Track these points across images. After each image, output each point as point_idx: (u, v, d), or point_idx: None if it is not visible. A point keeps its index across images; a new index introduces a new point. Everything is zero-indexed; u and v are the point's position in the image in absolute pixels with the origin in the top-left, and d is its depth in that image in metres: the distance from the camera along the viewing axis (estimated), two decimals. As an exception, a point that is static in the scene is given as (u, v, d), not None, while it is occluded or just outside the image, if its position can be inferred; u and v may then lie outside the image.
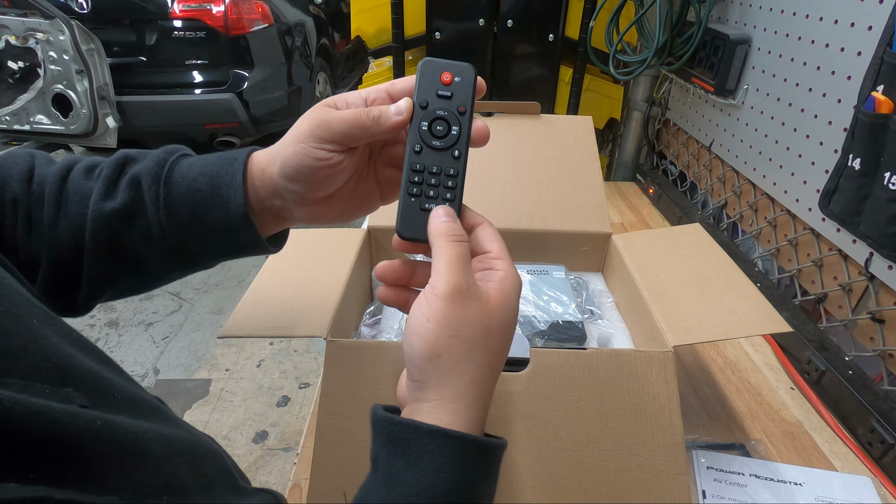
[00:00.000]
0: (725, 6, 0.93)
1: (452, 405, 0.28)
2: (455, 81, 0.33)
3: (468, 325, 0.28)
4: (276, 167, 0.37)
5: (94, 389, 0.26)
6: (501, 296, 0.30)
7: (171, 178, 0.38)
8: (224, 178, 0.38)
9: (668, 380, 0.46)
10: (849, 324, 0.67)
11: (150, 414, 0.30)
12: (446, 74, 0.33)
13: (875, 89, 0.58)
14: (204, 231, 0.38)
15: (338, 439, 0.45)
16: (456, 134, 0.33)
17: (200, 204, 0.38)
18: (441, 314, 0.28)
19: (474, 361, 0.29)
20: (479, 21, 1.10)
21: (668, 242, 0.65)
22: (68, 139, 2.65)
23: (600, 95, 1.24)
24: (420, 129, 0.33)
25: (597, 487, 0.45)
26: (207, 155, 0.40)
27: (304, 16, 3.21)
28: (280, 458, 1.50)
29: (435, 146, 0.33)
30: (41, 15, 2.35)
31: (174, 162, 0.39)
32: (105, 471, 0.24)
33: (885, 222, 0.57)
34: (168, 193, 0.37)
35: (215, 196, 0.37)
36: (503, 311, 0.30)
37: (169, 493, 0.27)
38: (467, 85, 0.33)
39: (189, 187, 0.38)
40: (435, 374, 0.28)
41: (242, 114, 2.74)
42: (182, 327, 2.01)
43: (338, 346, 0.47)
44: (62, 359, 0.26)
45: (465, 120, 0.33)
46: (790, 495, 0.52)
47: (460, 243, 0.30)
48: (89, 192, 0.37)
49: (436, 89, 0.33)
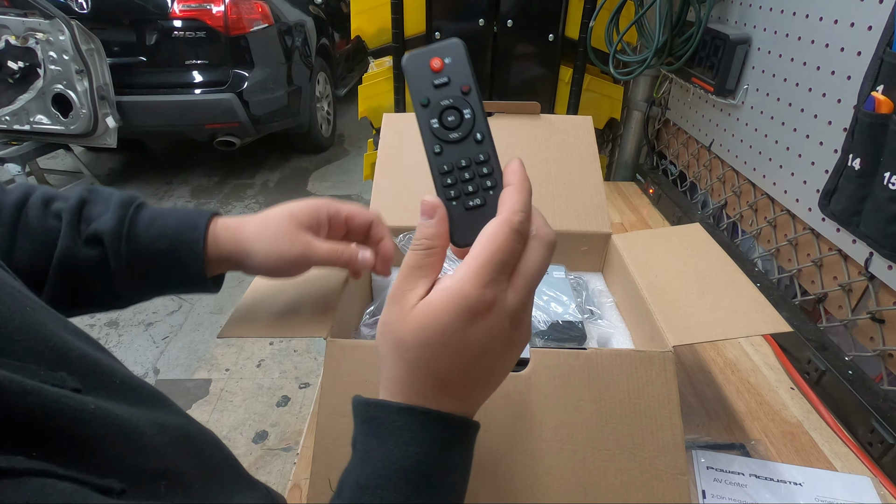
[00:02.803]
0: (725, 6, 0.93)
1: (384, 390, 0.30)
2: (447, 64, 0.30)
3: (387, 326, 0.29)
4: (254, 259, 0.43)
5: (91, 374, 0.27)
6: (426, 309, 0.27)
7: (132, 235, 0.41)
8: (184, 243, 0.42)
9: (668, 380, 0.46)
10: (849, 324, 0.67)
11: (149, 401, 0.31)
12: (435, 60, 0.30)
13: (875, 89, 0.58)
14: (162, 285, 0.44)
15: (338, 439, 0.45)
16: (470, 117, 0.30)
17: (161, 262, 0.42)
18: (384, 311, 0.30)
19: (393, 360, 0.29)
20: (479, 21, 1.10)
21: (668, 242, 0.65)
22: (68, 139, 2.65)
23: (600, 95, 1.24)
24: (432, 128, 0.30)
25: (597, 487, 0.45)
26: (165, 210, 0.43)
27: (304, 16, 3.21)
28: (280, 458, 1.50)
29: (454, 139, 0.30)
30: (41, 15, 2.35)
31: (133, 218, 0.41)
32: (104, 453, 0.24)
33: (884, 222, 0.57)
34: (129, 251, 0.41)
35: (175, 260, 0.42)
36: (417, 326, 0.27)
37: (167, 478, 0.27)
38: (461, 62, 0.30)
39: (150, 247, 0.41)
40: (379, 358, 0.30)
41: (242, 114, 2.74)
42: (182, 327, 2.01)
43: (338, 346, 0.47)
44: (58, 343, 0.26)
45: (473, 98, 0.30)
46: (790, 495, 0.52)
47: (415, 251, 0.29)
48: (52, 231, 0.39)
49: (430, 80, 0.30)
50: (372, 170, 0.83)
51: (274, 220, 0.43)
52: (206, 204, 2.93)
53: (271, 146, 3.56)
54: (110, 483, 0.23)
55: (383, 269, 0.46)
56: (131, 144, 3.52)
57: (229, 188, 3.09)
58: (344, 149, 3.76)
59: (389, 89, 1.20)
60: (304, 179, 3.27)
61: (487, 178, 0.30)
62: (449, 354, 0.28)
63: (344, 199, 0.46)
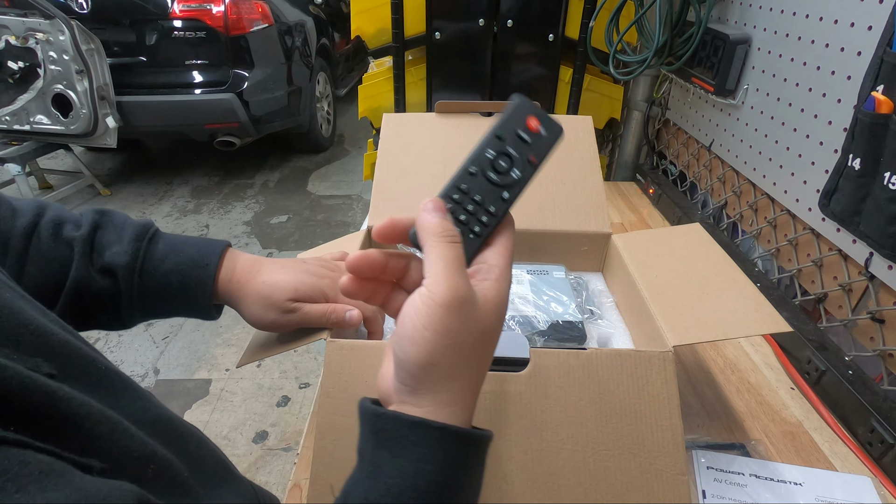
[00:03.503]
0: (725, 6, 0.93)
1: (448, 409, 0.28)
2: (540, 132, 0.31)
3: (466, 332, 0.27)
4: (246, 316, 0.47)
5: (71, 361, 0.27)
6: (497, 296, 0.29)
7: (145, 270, 0.43)
8: (195, 280, 0.44)
9: (668, 380, 0.46)
10: (849, 324, 0.67)
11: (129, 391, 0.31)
12: (534, 120, 0.31)
13: (875, 89, 0.58)
14: (170, 313, 0.47)
15: (338, 439, 0.45)
16: (516, 178, 0.31)
17: (171, 296, 0.44)
18: (440, 323, 0.26)
19: (470, 367, 0.28)
20: (479, 21, 1.10)
21: (668, 242, 0.65)
22: (68, 139, 2.65)
23: (600, 95, 1.24)
24: (485, 154, 0.31)
25: (597, 487, 0.45)
26: (178, 244, 0.45)
27: (304, 16, 3.21)
28: (280, 458, 1.50)
29: (490, 178, 0.31)
30: (41, 15, 2.35)
31: (147, 251, 0.43)
32: (87, 432, 0.24)
33: (885, 222, 0.57)
34: (141, 284, 0.43)
35: (186, 297, 0.44)
36: (499, 313, 0.29)
37: (155, 462, 0.28)
38: (550, 141, 0.31)
39: (162, 280, 0.43)
40: (429, 381, 0.28)
41: (242, 114, 2.74)
42: (182, 327, 2.01)
43: (338, 346, 0.47)
44: (39, 328, 0.26)
45: (529, 171, 0.31)
46: (790, 495, 0.52)
47: (456, 244, 0.29)
48: (63, 260, 0.41)
49: (517, 128, 0.31)
50: (372, 170, 0.83)
51: (276, 290, 0.46)
52: (207, 204, 2.93)
53: (271, 146, 3.56)
54: (90, 461, 0.23)
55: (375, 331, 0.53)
56: (131, 144, 3.52)
57: (229, 188, 3.09)
58: (344, 149, 3.76)
59: (389, 89, 1.20)
60: (304, 179, 3.27)
61: (480, 225, 0.31)
62: (491, 344, 0.29)
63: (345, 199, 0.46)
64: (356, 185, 3.17)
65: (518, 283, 0.65)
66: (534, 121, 0.31)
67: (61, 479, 0.20)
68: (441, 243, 0.28)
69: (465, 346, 0.27)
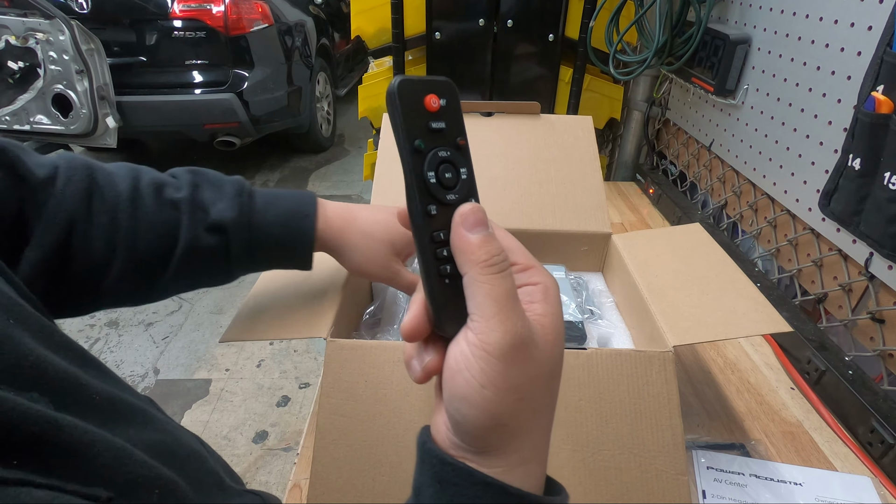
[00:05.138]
0: (725, 6, 0.93)
1: (523, 468, 0.24)
2: (442, 106, 0.24)
3: (533, 379, 0.23)
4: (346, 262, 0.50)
5: (67, 392, 0.26)
6: (554, 319, 0.24)
7: (252, 224, 0.44)
8: (295, 231, 0.46)
9: (668, 380, 0.46)
10: (849, 324, 0.67)
11: (128, 417, 0.30)
12: (432, 98, 0.23)
13: (875, 89, 0.58)
14: (270, 265, 0.49)
15: (338, 439, 0.45)
16: (466, 178, 0.24)
17: (276, 249, 0.46)
18: (500, 377, 0.22)
19: (542, 415, 0.24)
20: (479, 21, 1.10)
21: (668, 242, 0.65)
22: (68, 139, 2.65)
23: (600, 95, 1.24)
24: (427, 183, 0.23)
25: (597, 487, 0.45)
26: (272, 196, 0.47)
27: (304, 16, 3.21)
28: (280, 458, 1.50)
29: (450, 201, 0.24)
30: (41, 15, 2.34)
31: (249, 205, 0.45)
32: (91, 461, 0.24)
33: (885, 222, 0.57)
34: (249, 238, 0.44)
35: (289, 247, 0.46)
36: (559, 339, 0.24)
37: (160, 487, 0.27)
38: (455, 107, 0.24)
39: (268, 232, 0.45)
40: (498, 443, 0.23)
41: (242, 114, 2.74)
42: (182, 327, 2.01)
43: (338, 346, 0.47)
44: (37, 359, 0.25)
45: (467, 156, 0.25)
46: (790, 495, 0.52)
47: (505, 273, 0.23)
48: (170, 221, 0.42)
49: (425, 121, 0.24)
50: (372, 170, 0.83)
51: (375, 242, 0.48)
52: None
53: (271, 146, 3.56)
54: (96, 491, 0.22)
55: None
56: (131, 144, 3.52)
57: (229, 188, 3.09)
58: (344, 149, 3.76)
59: (389, 89, 1.20)
60: (304, 179, 3.27)
61: None
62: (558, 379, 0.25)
63: (345, 199, 0.47)
64: (356, 185, 3.17)
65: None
66: (431, 98, 0.23)
67: None
68: (487, 275, 0.22)
69: (535, 397, 0.23)
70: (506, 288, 0.22)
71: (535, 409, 0.24)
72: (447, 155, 0.24)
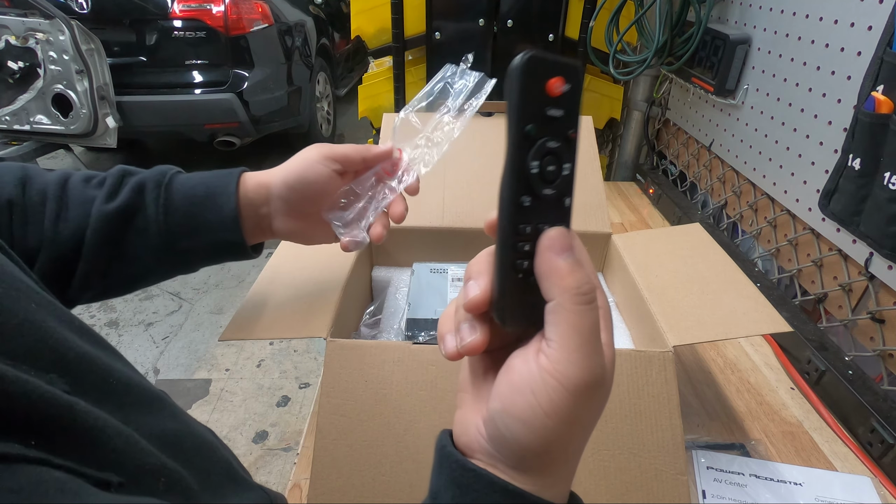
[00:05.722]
0: (725, 6, 0.93)
1: (552, 491, 0.24)
2: (565, 91, 0.21)
3: (595, 413, 0.23)
4: (277, 176, 0.43)
5: (86, 374, 0.27)
6: (613, 349, 0.24)
7: (171, 185, 0.43)
8: (219, 186, 0.43)
9: (668, 380, 0.46)
10: (849, 324, 0.67)
11: (143, 404, 0.31)
12: (556, 82, 0.21)
13: (875, 89, 0.58)
14: (196, 230, 0.43)
15: (338, 439, 0.45)
16: (567, 174, 0.23)
17: (196, 206, 0.43)
18: (568, 412, 0.21)
19: (584, 441, 0.24)
20: (479, 21, 1.10)
21: (668, 242, 0.65)
22: (68, 139, 2.65)
23: (600, 95, 1.24)
24: (529, 172, 0.22)
25: (597, 487, 0.45)
26: (204, 172, 0.46)
27: (304, 16, 3.21)
28: (280, 458, 1.50)
29: (545, 195, 0.23)
30: (41, 15, 2.34)
31: (174, 174, 0.44)
32: (103, 445, 0.24)
33: (885, 222, 0.57)
34: (168, 196, 0.42)
35: (210, 200, 0.43)
36: (613, 367, 0.24)
37: (166, 476, 0.27)
38: (576, 95, 0.22)
39: (187, 193, 0.43)
40: (541, 466, 0.23)
41: (242, 114, 2.74)
42: (182, 327, 2.01)
43: (338, 346, 0.47)
44: (58, 341, 0.26)
45: (574, 150, 0.23)
46: (790, 495, 0.52)
47: (592, 305, 0.22)
48: (90, 198, 0.41)
49: (544, 105, 0.21)
50: (372, 170, 0.83)
51: (301, 153, 0.44)
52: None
53: (271, 146, 3.56)
54: (108, 476, 0.23)
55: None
56: (131, 144, 3.52)
57: (229, 188, 3.09)
58: (344, 149, 3.76)
59: (389, 89, 1.21)
60: (304, 179, 3.26)
61: None
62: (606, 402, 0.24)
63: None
64: (356, 185, 3.16)
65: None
66: (556, 82, 0.21)
67: (76, 499, 0.20)
68: (576, 305, 0.22)
69: (588, 428, 0.24)
70: (592, 321, 0.22)
71: (582, 439, 0.24)
72: (555, 146, 0.22)
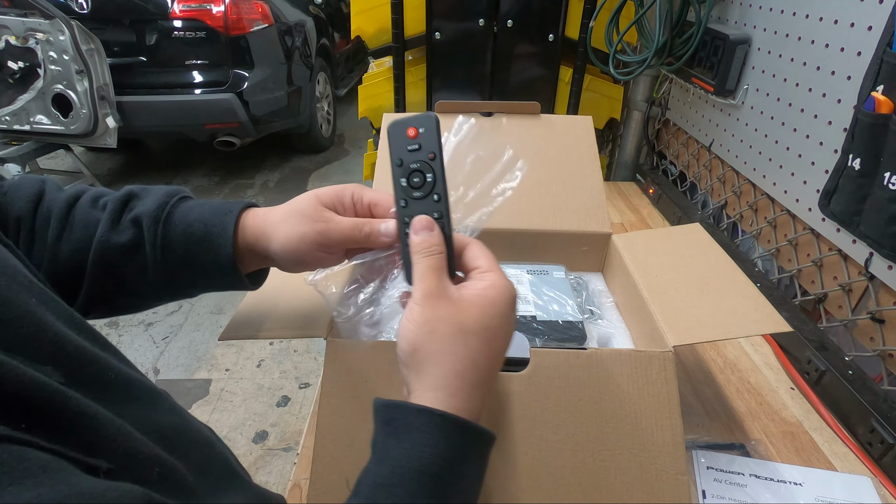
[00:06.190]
0: (725, 6, 0.93)
1: (433, 393, 0.31)
2: (420, 133, 0.35)
3: (442, 320, 0.31)
4: (276, 240, 0.41)
5: (83, 368, 0.27)
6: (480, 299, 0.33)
7: (169, 220, 0.41)
8: (217, 226, 0.42)
9: (668, 380, 0.46)
10: (849, 324, 0.67)
11: (141, 398, 0.31)
12: (411, 130, 0.36)
13: (875, 89, 0.58)
14: (194, 271, 0.42)
15: (338, 439, 0.45)
16: (431, 180, 0.36)
17: (193, 247, 0.41)
18: (417, 315, 0.32)
19: (452, 353, 0.31)
20: (479, 21, 1.10)
21: (668, 242, 0.65)
22: (68, 139, 2.65)
23: (600, 95, 1.24)
24: (401, 186, 0.36)
25: (597, 487, 0.45)
26: (205, 201, 0.44)
27: (304, 16, 3.21)
28: (280, 458, 1.50)
29: (417, 197, 0.36)
30: (41, 15, 2.34)
31: (174, 205, 0.42)
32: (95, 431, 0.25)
33: (884, 222, 0.57)
34: (165, 235, 0.41)
35: (207, 241, 0.41)
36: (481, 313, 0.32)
37: (160, 466, 0.28)
38: (431, 132, 0.35)
39: (185, 231, 0.41)
40: (415, 366, 0.31)
41: (242, 114, 2.74)
42: (182, 327, 2.01)
43: (338, 345, 0.47)
44: (56, 335, 0.27)
45: (436, 164, 0.36)
46: (790, 495, 0.52)
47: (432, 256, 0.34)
48: (94, 221, 0.41)
49: (405, 146, 0.36)
50: (372, 170, 0.83)
51: (298, 203, 0.42)
52: (206, 204, 2.93)
53: (271, 146, 3.56)
54: (98, 462, 0.23)
55: None
56: (131, 144, 3.52)
57: (229, 188, 3.09)
58: (344, 149, 3.76)
59: (389, 89, 1.20)
60: (304, 179, 3.27)
61: None
62: (500, 339, 0.33)
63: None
64: (356, 185, 3.16)
65: (518, 283, 0.65)
66: (411, 130, 0.36)
67: (58, 476, 0.20)
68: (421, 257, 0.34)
69: (442, 335, 0.31)
70: (429, 263, 0.34)
71: (443, 345, 0.31)
72: (417, 166, 0.36)
